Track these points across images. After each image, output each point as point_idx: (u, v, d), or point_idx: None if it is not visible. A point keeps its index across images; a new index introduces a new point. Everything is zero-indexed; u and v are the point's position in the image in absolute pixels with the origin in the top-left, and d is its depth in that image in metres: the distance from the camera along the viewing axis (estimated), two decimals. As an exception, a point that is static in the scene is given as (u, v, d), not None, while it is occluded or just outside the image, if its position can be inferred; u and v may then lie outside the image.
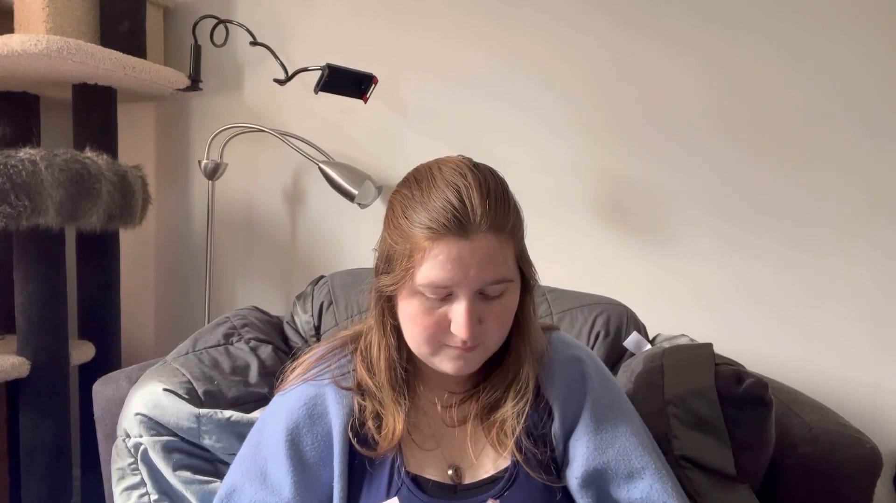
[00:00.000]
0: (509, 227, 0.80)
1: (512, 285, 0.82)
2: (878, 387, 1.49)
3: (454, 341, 0.81)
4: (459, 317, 0.79)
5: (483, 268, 0.77)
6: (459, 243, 0.76)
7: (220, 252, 1.94)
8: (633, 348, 1.24)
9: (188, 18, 1.85)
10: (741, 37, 1.54)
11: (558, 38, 1.66)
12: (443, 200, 0.77)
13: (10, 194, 1.31)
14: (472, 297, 0.79)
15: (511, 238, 0.81)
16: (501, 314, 0.82)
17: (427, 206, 0.78)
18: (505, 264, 0.80)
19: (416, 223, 0.78)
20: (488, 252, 0.78)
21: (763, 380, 1.03)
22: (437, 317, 0.80)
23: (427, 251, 0.77)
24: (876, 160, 1.48)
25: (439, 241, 0.77)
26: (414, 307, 0.81)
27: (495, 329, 0.83)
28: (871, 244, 1.49)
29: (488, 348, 0.85)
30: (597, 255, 1.65)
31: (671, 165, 1.60)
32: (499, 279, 0.79)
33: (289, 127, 1.83)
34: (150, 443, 1.07)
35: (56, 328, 1.54)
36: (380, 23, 1.79)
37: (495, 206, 0.78)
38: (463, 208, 0.76)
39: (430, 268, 0.77)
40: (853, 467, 1.04)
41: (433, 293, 0.79)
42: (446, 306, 0.80)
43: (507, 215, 0.80)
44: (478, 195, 0.77)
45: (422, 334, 0.82)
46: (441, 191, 0.78)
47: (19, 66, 1.56)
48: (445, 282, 0.77)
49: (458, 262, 0.77)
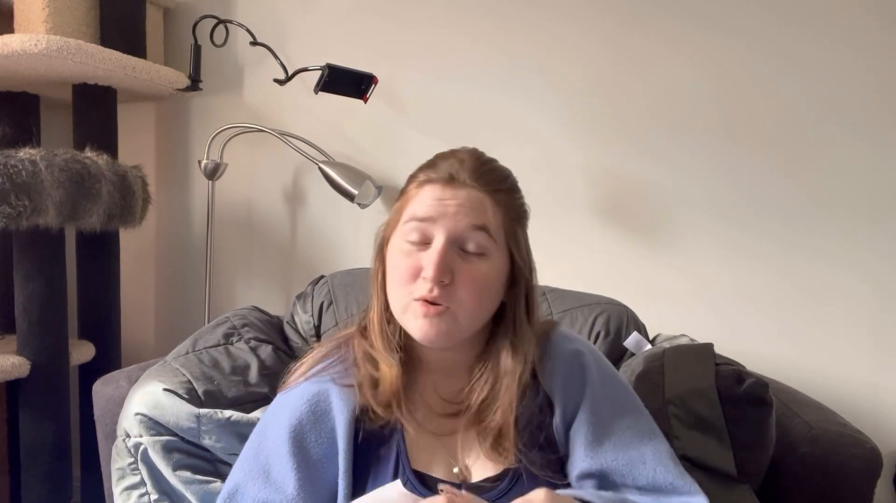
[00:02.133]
0: (501, 195, 0.85)
1: (494, 250, 0.84)
2: (878, 387, 1.49)
3: (422, 290, 0.81)
4: (430, 257, 0.81)
5: (463, 210, 0.82)
6: (444, 188, 0.83)
7: (220, 252, 1.94)
8: (634, 348, 1.24)
9: (188, 18, 1.85)
10: (743, 39, 1.54)
11: (558, 38, 1.66)
12: (443, 162, 0.86)
13: (10, 194, 1.31)
14: (448, 241, 0.81)
15: (502, 207, 0.85)
16: (475, 276, 0.82)
17: (429, 167, 0.87)
18: (488, 218, 0.83)
19: (414, 178, 0.87)
20: (471, 201, 0.82)
21: (763, 381, 1.03)
22: (413, 262, 0.82)
23: (416, 194, 0.85)
24: (877, 160, 1.48)
25: (427, 185, 0.85)
26: (396, 250, 0.85)
27: (465, 293, 0.81)
28: (871, 244, 1.49)
29: (457, 318, 0.82)
30: (597, 255, 1.65)
31: (672, 165, 1.60)
32: (478, 225, 0.82)
33: (289, 127, 1.83)
34: (150, 443, 1.07)
35: (56, 328, 1.54)
36: (380, 22, 1.80)
37: (489, 172, 0.85)
38: (456, 166, 0.84)
39: (414, 206, 0.84)
40: (853, 467, 1.04)
41: (414, 232, 0.83)
42: (423, 253, 0.82)
43: (500, 182, 0.86)
44: (473, 160, 0.85)
45: (397, 278, 0.84)
46: (446, 158, 0.87)
47: (19, 66, 1.56)
48: (424, 215, 0.82)
49: (439, 202, 0.82)
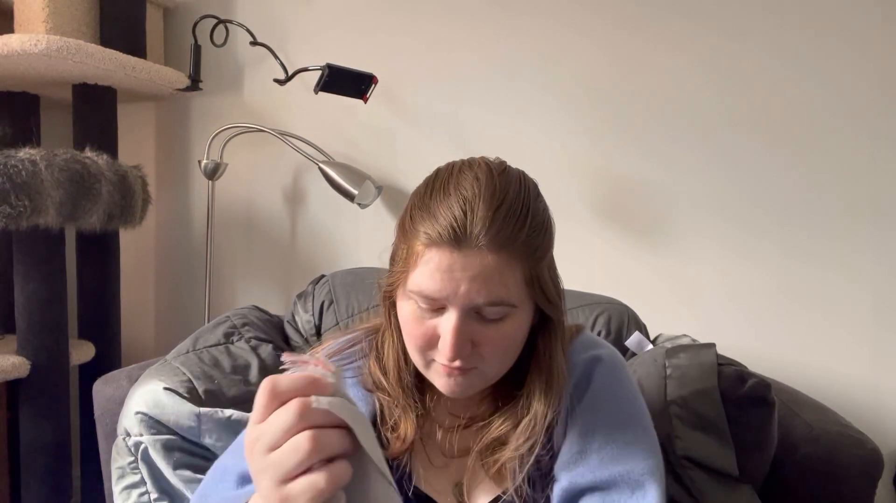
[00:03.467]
0: (518, 246, 0.72)
1: (516, 311, 0.75)
2: (878, 387, 1.49)
3: (441, 359, 0.75)
4: (446, 335, 0.73)
5: (475, 285, 0.71)
6: (452, 255, 0.71)
7: (220, 252, 1.94)
8: (635, 348, 1.24)
9: (188, 18, 1.85)
10: (742, 39, 1.54)
11: (558, 38, 1.66)
12: (446, 209, 0.72)
13: (10, 194, 1.31)
14: (463, 315, 0.72)
15: (520, 259, 0.73)
16: (499, 341, 0.75)
17: (431, 212, 0.73)
18: (504, 286, 0.72)
19: (417, 227, 0.73)
20: (483, 270, 0.70)
21: (766, 381, 1.03)
22: (427, 329, 0.75)
23: (420, 256, 0.73)
24: (877, 161, 1.48)
25: (433, 248, 0.72)
26: (406, 313, 0.76)
27: (492, 356, 0.75)
28: (872, 244, 1.49)
29: (485, 375, 0.77)
30: (598, 255, 1.65)
31: (673, 165, 1.60)
32: (493, 302, 0.72)
33: (289, 127, 1.83)
34: (151, 442, 1.07)
35: (56, 328, 1.54)
36: (379, 23, 1.79)
37: (503, 219, 0.71)
38: (463, 220, 0.70)
39: (420, 275, 0.72)
40: (854, 468, 1.04)
41: (424, 303, 0.74)
42: (438, 318, 0.74)
43: (517, 232, 0.72)
44: (484, 207, 0.71)
45: (413, 343, 0.77)
46: (449, 199, 0.72)
47: (19, 66, 1.56)
48: (433, 293, 0.72)
49: (448, 275, 0.71)
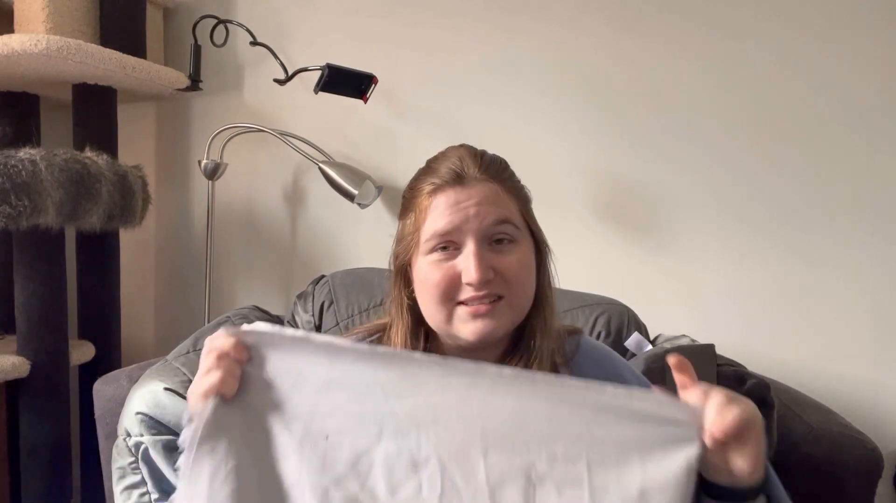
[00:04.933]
0: (509, 182, 0.84)
1: (521, 235, 0.83)
2: (878, 387, 1.49)
3: (467, 293, 0.79)
4: (468, 262, 0.78)
5: (483, 208, 0.79)
6: (456, 191, 0.80)
7: (220, 252, 1.94)
8: (635, 349, 1.24)
9: (188, 18, 1.85)
10: (742, 40, 1.54)
11: (558, 38, 1.66)
12: (443, 163, 0.83)
13: (10, 194, 1.31)
14: (479, 241, 0.79)
15: (513, 194, 0.83)
16: (518, 265, 0.81)
17: (430, 170, 0.84)
18: (507, 209, 0.82)
19: (421, 185, 0.83)
20: (486, 196, 0.80)
21: (765, 381, 1.03)
22: (448, 272, 0.80)
23: (428, 207, 0.81)
24: (876, 161, 1.48)
25: (438, 193, 0.81)
26: (425, 268, 0.82)
27: (514, 279, 0.80)
28: (872, 244, 1.49)
29: (511, 306, 0.81)
30: (598, 256, 1.65)
31: (673, 166, 1.60)
32: (501, 219, 0.80)
33: (289, 127, 1.83)
34: (151, 443, 1.07)
35: (56, 328, 1.54)
36: (380, 23, 1.79)
37: (491, 162, 0.84)
38: (458, 164, 0.82)
39: (433, 220, 0.80)
40: (854, 468, 1.04)
41: (441, 245, 0.80)
42: (455, 260, 0.80)
43: (503, 171, 0.84)
44: (473, 155, 0.83)
45: (435, 293, 0.80)
46: (443, 160, 0.84)
47: (19, 66, 1.56)
48: (447, 227, 0.79)
49: (456, 207, 0.79)
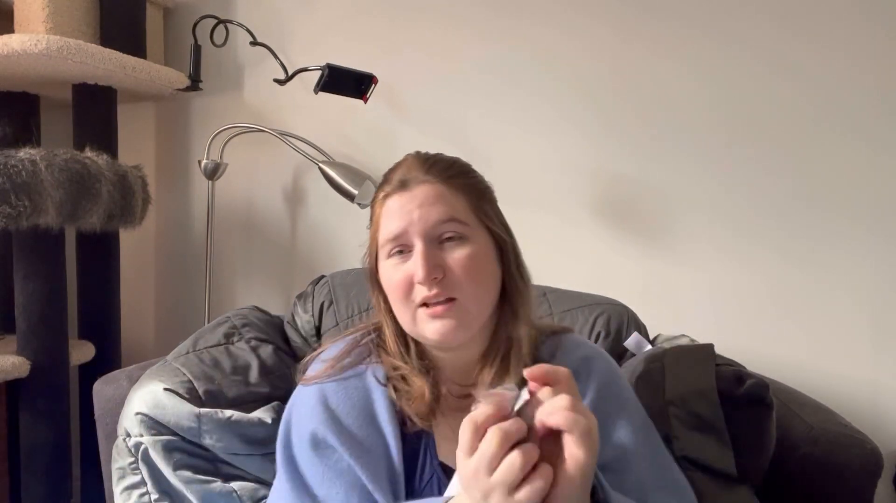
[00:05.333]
0: (457, 180, 0.86)
1: (471, 232, 0.85)
2: (878, 387, 1.49)
3: (422, 293, 0.82)
4: (416, 260, 0.82)
5: (425, 209, 0.83)
6: (402, 195, 0.85)
7: (220, 252, 1.94)
8: (634, 348, 1.24)
9: (188, 18, 1.85)
10: (738, 44, 1.54)
11: (559, 39, 1.66)
12: (393, 172, 0.89)
13: (10, 194, 1.31)
14: (426, 241, 0.83)
15: (462, 191, 0.86)
16: (466, 262, 0.83)
17: (382, 183, 0.90)
18: (452, 207, 0.84)
19: (375, 199, 0.89)
20: (428, 196, 0.84)
21: (764, 381, 1.03)
22: (404, 273, 0.83)
23: (381, 214, 0.87)
24: (873, 163, 1.48)
25: (387, 200, 0.86)
26: (386, 271, 0.86)
27: (464, 278, 0.82)
28: (870, 245, 1.49)
29: (467, 308, 0.83)
30: (597, 255, 1.65)
31: (673, 167, 1.60)
32: (446, 218, 0.83)
33: (289, 127, 1.83)
34: (151, 443, 1.07)
35: (56, 328, 1.54)
36: (380, 23, 1.79)
37: (436, 163, 0.87)
38: (405, 172, 0.87)
39: (384, 226, 0.86)
40: (854, 468, 1.04)
41: (394, 248, 0.85)
42: (409, 262, 0.83)
43: (449, 170, 0.87)
44: (417, 160, 0.88)
45: (397, 296, 0.85)
46: (393, 170, 0.90)
47: (19, 66, 1.56)
48: (395, 230, 0.84)
49: (402, 211, 0.84)
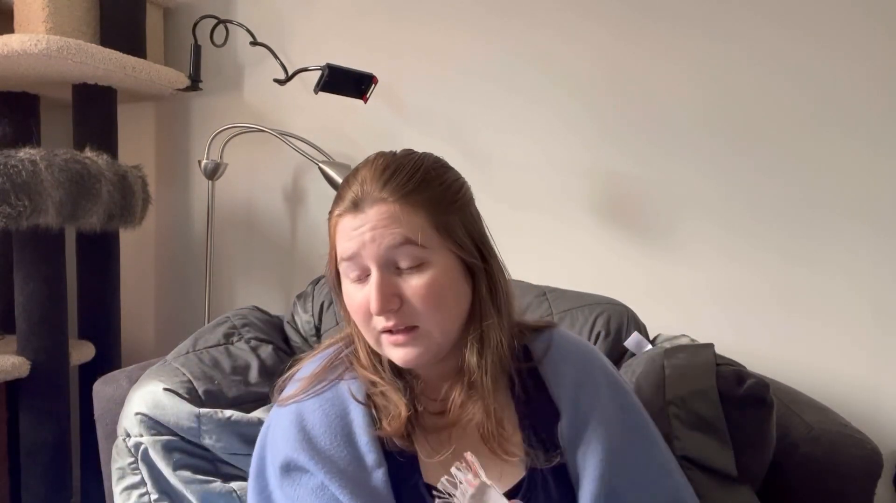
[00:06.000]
0: (415, 195, 0.79)
1: (430, 255, 0.79)
2: (878, 387, 1.49)
3: (381, 323, 0.79)
4: (370, 290, 0.78)
5: (377, 232, 0.78)
6: (355, 217, 0.79)
7: (220, 252, 1.94)
8: (634, 348, 1.24)
9: (188, 18, 1.85)
10: (737, 43, 1.54)
11: (559, 38, 1.66)
12: (346, 189, 0.82)
13: (10, 194, 1.31)
14: (381, 268, 0.78)
15: (422, 207, 0.79)
16: (425, 290, 0.78)
17: (337, 198, 0.83)
18: (408, 229, 0.78)
19: (331, 214, 0.83)
20: (381, 219, 0.78)
21: (764, 381, 1.03)
22: (362, 299, 0.80)
23: (336, 232, 0.82)
24: (873, 162, 1.48)
25: (341, 219, 0.81)
26: (347, 291, 0.83)
27: (424, 306, 0.78)
28: (870, 244, 1.49)
29: (431, 334, 0.79)
30: (597, 255, 1.65)
31: (672, 166, 1.60)
32: (399, 241, 0.77)
33: (289, 127, 1.83)
34: (151, 443, 1.07)
35: (56, 328, 1.54)
36: (380, 23, 1.79)
37: (391, 178, 0.80)
38: (358, 189, 0.80)
39: (339, 245, 0.81)
40: (854, 468, 1.04)
41: (350, 270, 0.80)
42: (367, 287, 0.79)
43: (406, 184, 0.79)
44: (374, 173, 0.80)
45: (357, 318, 0.82)
46: (349, 184, 0.82)
47: (19, 66, 1.56)
48: (348, 252, 0.79)
49: (355, 232, 0.79)
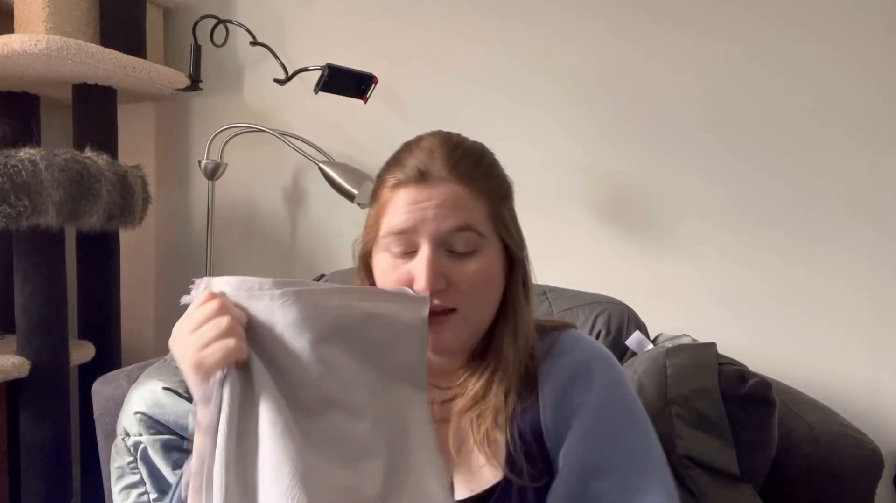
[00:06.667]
0: (480, 181, 0.77)
1: (485, 244, 0.77)
2: (878, 387, 1.49)
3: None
4: (419, 266, 0.74)
5: (442, 212, 0.74)
6: (418, 189, 0.75)
7: (220, 252, 1.94)
8: (636, 348, 1.24)
9: (188, 18, 1.85)
10: (737, 43, 1.54)
11: (559, 38, 1.66)
12: (410, 156, 0.78)
13: (10, 194, 1.31)
14: (434, 247, 0.75)
15: (484, 195, 0.78)
16: (474, 276, 0.76)
17: (397, 163, 0.79)
18: (471, 215, 0.76)
19: (385, 177, 0.79)
20: (447, 198, 0.75)
21: (766, 380, 1.03)
22: (402, 274, 0.76)
23: (389, 201, 0.77)
24: (874, 161, 1.48)
25: (399, 189, 0.77)
26: (382, 264, 0.79)
27: (469, 291, 0.76)
28: (871, 244, 1.49)
29: (468, 319, 0.78)
30: (598, 254, 1.65)
31: (672, 165, 1.60)
32: (462, 225, 0.75)
33: (289, 127, 1.83)
34: (150, 442, 1.07)
35: (56, 328, 1.54)
36: (380, 22, 1.79)
37: (461, 157, 0.77)
38: (425, 160, 0.76)
39: (391, 216, 0.77)
40: (854, 468, 1.04)
41: (397, 244, 0.76)
42: (411, 262, 0.76)
43: (475, 169, 0.78)
44: (444, 150, 0.78)
45: None
46: (412, 150, 0.79)
47: (19, 66, 1.56)
48: (403, 225, 0.75)
49: (415, 206, 0.75)
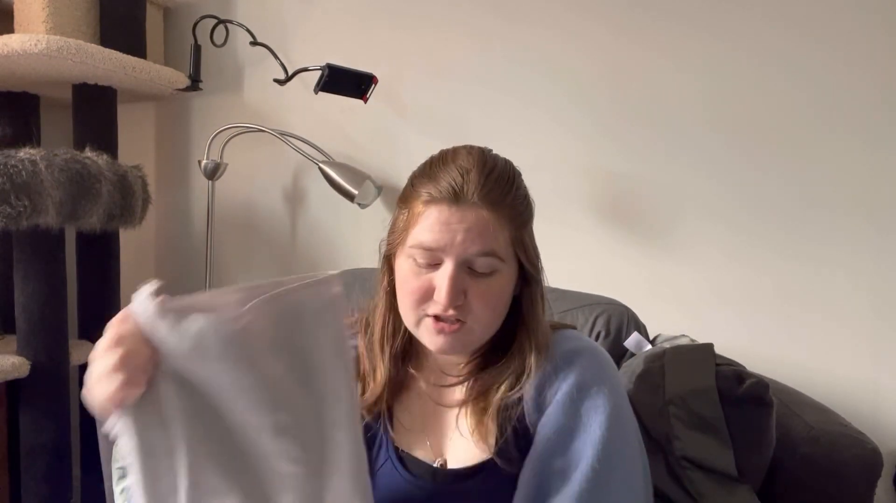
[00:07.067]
0: (507, 209, 0.82)
1: (503, 267, 0.83)
2: (878, 387, 1.49)
3: (435, 309, 0.81)
4: (442, 282, 0.80)
5: (470, 236, 0.79)
6: (450, 209, 0.80)
7: (220, 252, 1.94)
8: (634, 348, 1.24)
9: (188, 18, 1.85)
10: (737, 43, 1.54)
11: (559, 38, 1.66)
12: (445, 173, 0.82)
13: (10, 194, 1.31)
14: (458, 266, 0.80)
15: (508, 221, 0.82)
16: (488, 294, 0.82)
17: (432, 177, 0.83)
18: (496, 240, 0.81)
19: (419, 190, 0.83)
20: (477, 223, 0.80)
21: (764, 381, 1.03)
22: (423, 283, 0.82)
23: (420, 215, 0.82)
24: (874, 161, 1.48)
25: (432, 205, 0.81)
26: (405, 269, 0.84)
27: (480, 309, 0.82)
28: (870, 244, 1.49)
29: (473, 331, 0.84)
30: (598, 255, 1.65)
31: (671, 165, 1.60)
32: (486, 251, 0.80)
33: (289, 127, 1.83)
34: (151, 444, 1.07)
35: (56, 328, 1.54)
36: (380, 23, 1.79)
37: (494, 184, 0.82)
38: (460, 181, 0.81)
39: (421, 230, 0.81)
40: (854, 468, 1.04)
41: (422, 257, 0.81)
42: (433, 272, 0.82)
43: (505, 195, 0.82)
44: (478, 172, 0.81)
45: (408, 298, 0.84)
46: (448, 166, 0.83)
47: (19, 66, 1.56)
48: (432, 243, 0.80)
49: (446, 226, 0.80)
